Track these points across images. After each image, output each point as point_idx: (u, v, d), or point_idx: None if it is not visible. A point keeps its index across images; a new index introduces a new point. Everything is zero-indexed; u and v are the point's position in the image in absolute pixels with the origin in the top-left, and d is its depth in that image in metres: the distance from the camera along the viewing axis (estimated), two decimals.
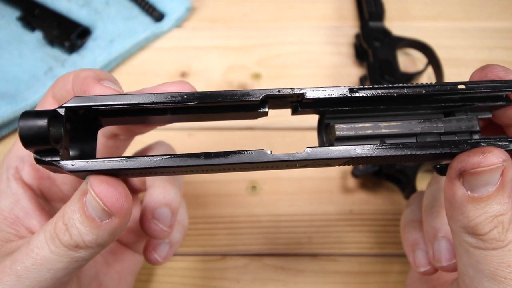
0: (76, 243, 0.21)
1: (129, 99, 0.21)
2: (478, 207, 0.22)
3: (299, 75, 0.52)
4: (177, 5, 0.55)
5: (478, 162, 0.21)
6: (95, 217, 0.21)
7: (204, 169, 0.23)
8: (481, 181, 0.22)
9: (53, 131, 0.20)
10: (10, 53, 0.51)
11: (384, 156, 0.22)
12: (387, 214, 0.43)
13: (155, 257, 0.31)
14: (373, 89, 0.23)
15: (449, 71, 0.50)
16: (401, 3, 0.58)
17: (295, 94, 0.22)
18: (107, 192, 0.21)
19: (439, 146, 0.23)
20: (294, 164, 0.22)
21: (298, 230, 0.43)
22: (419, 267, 0.31)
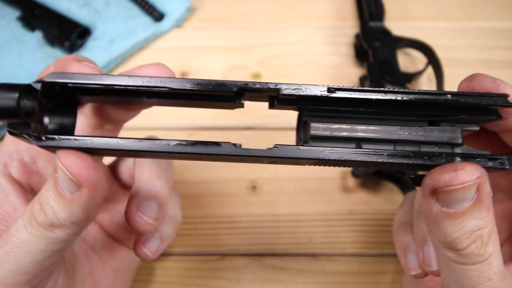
0: (51, 221, 0.22)
1: (104, 79, 0.22)
2: (455, 222, 0.21)
3: (299, 75, 0.52)
4: (177, 5, 0.55)
5: (450, 180, 0.21)
6: (65, 191, 0.21)
7: (172, 156, 0.23)
8: (455, 198, 0.21)
9: (26, 104, 0.20)
10: (10, 53, 0.51)
11: (354, 161, 0.22)
12: (387, 214, 0.43)
13: (144, 252, 0.31)
14: (351, 90, 0.23)
15: (449, 71, 0.50)
16: (401, 3, 0.57)
17: (271, 89, 0.22)
18: (73, 162, 0.21)
19: (411, 157, 0.22)
20: (261, 160, 0.22)
21: (298, 230, 0.43)
22: (410, 270, 0.31)
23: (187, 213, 0.43)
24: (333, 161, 0.22)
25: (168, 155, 0.23)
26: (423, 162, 0.22)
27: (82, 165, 0.21)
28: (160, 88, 0.22)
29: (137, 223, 0.29)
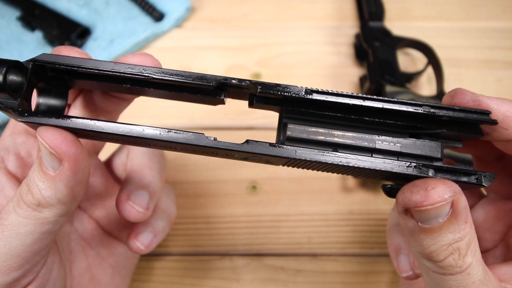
0: (38, 201, 0.22)
1: (90, 63, 0.23)
2: (431, 236, 0.21)
3: (299, 75, 0.52)
4: (177, 5, 0.55)
5: (420, 201, 0.20)
6: (49, 168, 0.22)
7: (147, 142, 0.23)
8: (429, 216, 0.21)
9: (13, 79, 0.21)
10: (10, 53, 0.51)
11: (325, 163, 0.22)
12: (387, 214, 0.43)
13: (137, 245, 0.31)
14: (328, 94, 0.22)
15: (449, 71, 0.50)
16: (401, 3, 0.58)
17: (249, 85, 0.22)
18: (52, 135, 0.22)
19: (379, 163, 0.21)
20: (233, 154, 0.23)
21: (298, 230, 0.43)
22: (402, 272, 0.31)
23: (187, 213, 0.43)
24: (303, 162, 0.22)
25: (143, 141, 0.23)
26: (394, 171, 0.21)
27: (61, 138, 0.22)
28: (141, 76, 0.23)
29: (128, 212, 0.29)
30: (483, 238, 0.30)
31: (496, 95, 0.55)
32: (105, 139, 0.24)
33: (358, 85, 0.51)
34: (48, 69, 0.23)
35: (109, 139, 0.24)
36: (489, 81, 0.51)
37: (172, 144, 0.22)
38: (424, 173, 0.21)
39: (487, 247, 0.30)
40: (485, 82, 0.51)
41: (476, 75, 0.52)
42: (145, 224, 0.31)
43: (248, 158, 0.23)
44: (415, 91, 0.48)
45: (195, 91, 0.24)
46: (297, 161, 0.22)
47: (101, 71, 0.23)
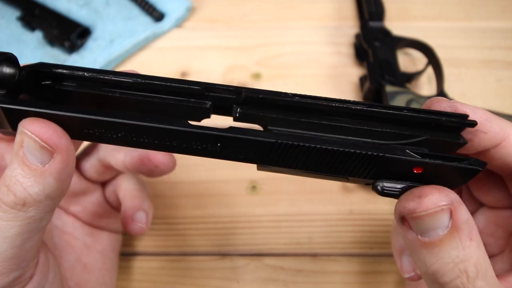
0: (23, 200, 0.21)
1: (80, 70, 0.23)
2: (432, 252, 0.20)
3: (299, 75, 0.52)
4: (177, 5, 0.55)
5: (414, 208, 0.19)
6: (37, 163, 0.21)
7: (123, 129, 0.22)
8: (426, 226, 0.19)
9: (5, 71, 0.21)
10: None
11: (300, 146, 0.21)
12: (387, 214, 0.43)
13: (138, 226, 0.33)
14: (310, 98, 0.22)
15: (449, 71, 0.50)
16: (401, 3, 0.58)
17: (235, 90, 0.22)
18: (41, 127, 0.21)
19: (363, 147, 0.20)
20: (210, 140, 0.21)
21: (298, 230, 0.43)
22: (405, 273, 0.30)
23: (187, 213, 0.43)
24: (288, 150, 0.21)
25: (120, 127, 0.22)
26: (373, 152, 0.20)
27: (50, 129, 0.21)
28: (125, 78, 0.22)
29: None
30: (488, 244, 0.29)
31: (496, 95, 0.55)
32: (94, 126, 0.23)
33: (358, 85, 0.51)
34: (42, 75, 0.23)
35: (110, 135, 0.23)
36: (489, 81, 0.51)
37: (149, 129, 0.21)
38: (408, 155, 0.20)
39: (493, 253, 0.29)
40: (485, 82, 0.51)
41: (476, 75, 0.52)
42: (134, 207, 0.34)
43: (228, 147, 0.22)
44: (415, 91, 0.48)
45: (180, 95, 0.23)
46: (280, 148, 0.21)
47: (89, 77, 0.22)
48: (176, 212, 0.43)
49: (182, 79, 0.23)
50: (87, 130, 0.22)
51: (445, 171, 0.20)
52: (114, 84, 0.23)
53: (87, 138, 0.23)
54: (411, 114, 0.22)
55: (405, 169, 0.21)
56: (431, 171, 0.20)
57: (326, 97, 0.22)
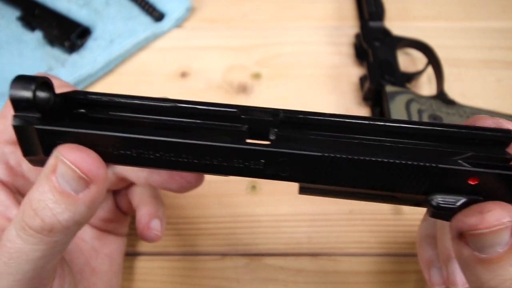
0: (51, 226, 0.20)
1: (114, 96, 0.22)
2: (489, 269, 0.19)
3: (299, 75, 0.52)
4: (177, 5, 0.55)
5: (475, 224, 0.19)
6: (70, 191, 0.20)
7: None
8: (485, 243, 0.19)
9: (41, 96, 0.21)
10: (10, 53, 0.51)
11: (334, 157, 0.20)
12: (387, 214, 0.43)
13: (155, 234, 0.33)
14: (348, 117, 0.22)
15: (449, 71, 0.50)
16: (401, 3, 0.58)
17: (272, 112, 0.22)
18: (82, 158, 0.20)
19: (411, 156, 0.20)
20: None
21: (298, 230, 0.43)
22: (434, 285, 0.30)
23: (187, 213, 0.43)
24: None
25: (161, 145, 0.21)
26: (429, 164, 0.19)
27: (91, 159, 0.20)
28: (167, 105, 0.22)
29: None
30: None
31: (496, 95, 0.55)
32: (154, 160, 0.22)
33: (358, 85, 0.51)
34: (75, 103, 0.22)
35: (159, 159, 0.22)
36: (489, 81, 0.51)
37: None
38: (464, 165, 0.19)
39: None
40: (485, 82, 0.51)
41: (476, 75, 0.52)
42: (150, 215, 0.33)
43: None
44: (415, 91, 0.48)
45: (215, 119, 0.23)
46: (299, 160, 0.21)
47: (133, 102, 0.22)
48: (176, 212, 0.43)
49: (218, 102, 0.22)
50: (125, 151, 0.21)
51: (501, 183, 0.19)
52: (149, 109, 0.22)
53: (122, 160, 0.22)
54: (455, 130, 0.21)
55: (459, 181, 0.20)
56: (486, 183, 0.20)
57: (364, 116, 0.22)
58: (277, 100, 0.50)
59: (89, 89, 0.51)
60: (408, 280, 0.40)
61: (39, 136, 0.21)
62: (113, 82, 0.52)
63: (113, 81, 0.52)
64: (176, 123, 0.23)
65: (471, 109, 0.46)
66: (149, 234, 0.33)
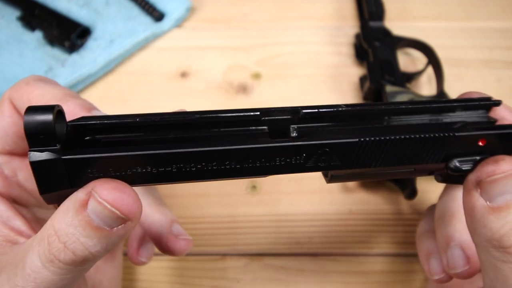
0: (83, 258, 0.20)
1: (128, 117, 0.21)
2: (500, 217, 0.21)
3: (299, 75, 0.52)
4: (177, 5, 0.55)
5: (492, 170, 0.22)
6: (104, 226, 0.20)
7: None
8: (498, 190, 0.21)
9: (58, 124, 0.19)
10: (10, 52, 0.51)
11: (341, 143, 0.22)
12: (387, 214, 0.43)
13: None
14: (360, 105, 0.24)
15: (449, 71, 0.50)
16: (401, 3, 0.58)
17: (291, 111, 0.22)
18: (121, 199, 0.20)
19: (423, 130, 0.22)
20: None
21: (298, 230, 0.43)
22: (434, 275, 0.31)
23: (187, 213, 0.43)
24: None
25: (203, 155, 0.21)
26: (446, 133, 0.22)
27: (130, 198, 0.20)
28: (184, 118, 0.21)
29: (185, 245, 0.31)
30: None
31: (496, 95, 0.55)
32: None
33: (358, 85, 0.51)
34: (84, 130, 0.21)
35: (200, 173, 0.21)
36: (489, 81, 0.51)
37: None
38: (473, 131, 0.23)
39: None
40: (485, 82, 0.51)
41: (476, 75, 0.52)
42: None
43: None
44: (415, 91, 0.48)
45: (236, 125, 0.23)
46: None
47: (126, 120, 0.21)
48: (176, 212, 0.43)
49: (239, 108, 0.22)
50: (164, 167, 0.20)
51: (505, 140, 0.23)
52: (167, 125, 0.22)
53: (160, 179, 0.21)
54: (446, 104, 0.24)
55: (471, 145, 0.23)
56: (493, 143, 0.23)
57: (371, 102, 0.23)
58: (277, 100, 0.50)
59: (89, 89, 0.51)
60: (408, 280, 0.40)
61: (67, 167, 0.20)
62: (113, 82, 0.52)
63: (113, 81, 0.52)
64: (201, 134, 0.22)
65: None
66: (136, 261, 0.33)
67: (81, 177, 0.20)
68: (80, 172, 0.20)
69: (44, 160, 0.19)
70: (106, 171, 0.20)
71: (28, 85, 0.26)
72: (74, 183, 0.20)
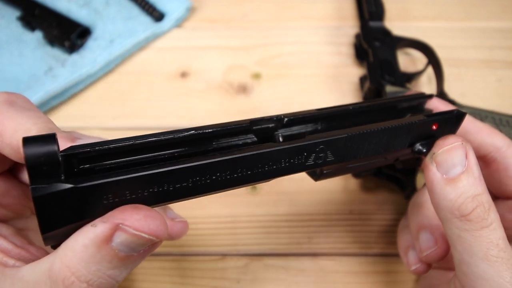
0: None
1: (119, 141, 0.20)
2: (455, 187, 0.24)
3: (299, 75, 0.52)
4: (177, 5, 0.55)
5: (442, 144, 0.26)
6: (132, 253, 0.19)
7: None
8: (450, 162, 0.25)
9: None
10: (10, 53, 0.51)
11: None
12: (387, 214, 0.43)
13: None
14: (330, 108, 0.27)
15: (449, 71, 0.50)
16: (401, 3, 0.58)
17: (276, 119, 0.24)
18: (155, 225, 0.19)
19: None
20: None
21: (298, 230, 0.43)
22: (411, 265, 0.33)
23: (187, 213, 0.43)
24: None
25: (219, 166, 0.21)
26: (413, 121, 0.26)
27: (160, 223, 0.19)
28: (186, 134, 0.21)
29: (183, 228, 0.32)
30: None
31: (496, 95, 0.55)
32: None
33: (358, 85, 0.51)
34: (77, 160, 0.19)
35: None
36: (490, 81, 0.51)
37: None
38: (428, 118, 0.27)
39: None
40: (485, 82, 0.51)
41: (476, 75, 0.52)
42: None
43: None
44: (415, 91, 0.48)
45: (227, 136, 0.23)
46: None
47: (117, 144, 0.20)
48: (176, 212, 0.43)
49: (230, 121, 0.23)
50: (181, 183, 0.20)
51: (448, 121, 0.28)
52: (165, 144, 0.21)
53: (177, 195, 0.21)
54: (390, 101, 0.29)
55: (427, 129, 0.27)
56: (442, 125, 0.27)
57: (340, 104, 0.27)
58: (277, 100, 0.50)
59: (89, 89, 0.51)
60: (408, 280, 0.40)
61: (81, 197, 0.18)
62: (113, 82, 0.52)
63: (113, 81, 0.52)
64: (195, 150, 0.22)
65: (471, 109, 0.46)
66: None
67: (94, 206, 0.19)
68: (95, 201, 0.19)
69: (53, 192, 0.17)
70: (123, 195, 0.19)
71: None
72: (86, 214, 0.19)
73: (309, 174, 0.27)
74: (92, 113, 0.49)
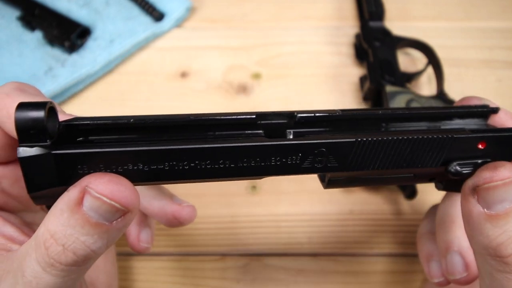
0: (84, 257, 0.20)
1: (122, 118, 0.21)
2: (497, 225, 0.21)
3: (299, 75, 0.52)
4: (177, 5, 0.55)
5: (490, 177, 0.21)
6: (103, 221, 0.19)
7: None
8: (496, 197, 0.21)
9: (49, 121, 0.19)
10: (10, 53, 0.51)
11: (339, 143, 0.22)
12: (387, 214, 0.43)
13: (143, 246, 0.33)
14: (355, 110, 0.24)
15: (449, 71, 0.50)
16: (401, 3, 0.57)
17: (287, 115, 0.22)
18: (119, 191, 0.19)
19: (426, 131, 0.22)
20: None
21: (298, 230, 0.43)
22: (434, 278, 0.31)
23: None
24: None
25: (198, 153, 0.20)
26: (445, 135, 0.22)
27: (128, 190, 0.19)
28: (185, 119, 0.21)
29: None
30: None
31: (496, 95, 0.55)
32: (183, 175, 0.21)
33: (358, 85, 0.51)
34: (77, 130, 0.21)
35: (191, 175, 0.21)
36: (490, 81, 0.51)
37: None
38: (471, 133, 0.22)
39: None
40: (485, 82, 0.51)
41: (477, 75, 0.52)
42: (138, 224, 0.33)
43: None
44: (415, 91, 0.48)
45: (231, 128, 0.22)
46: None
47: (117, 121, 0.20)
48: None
49: (233, 112, 0.22)
50: (156, 165, 0.20)
51: (506, 144, 0.22)
52: (162, 126, 0.21)
53: (153, 177, 0.21)
54: (443, 111, 0.24)
55: (470, 148, 0.22)
56: (493, 146, 0.22)
57: (368, 107, 0.23)
58: (277, 100, 0.50)
59: (89, 89, 0.51)
60: (408, 280, 0.40)
61: (57, 163, 0.19)
62: (113, 82, 0.52)
63: (113, 81, 0.52)
64: (194, 136, 0.22)
65: None
66: (139, 248, 0.33)
67: (72, 174, 0.20)
68: (70, 169, 0.19)
69: (33, 155, 0.19)
70: (97, 168, 0.20)
71: (9, 97, 0.24)
72: (64, 180, 0.20)
73: (320, 179, 0.25)
74: (92, 113, 0.49)
